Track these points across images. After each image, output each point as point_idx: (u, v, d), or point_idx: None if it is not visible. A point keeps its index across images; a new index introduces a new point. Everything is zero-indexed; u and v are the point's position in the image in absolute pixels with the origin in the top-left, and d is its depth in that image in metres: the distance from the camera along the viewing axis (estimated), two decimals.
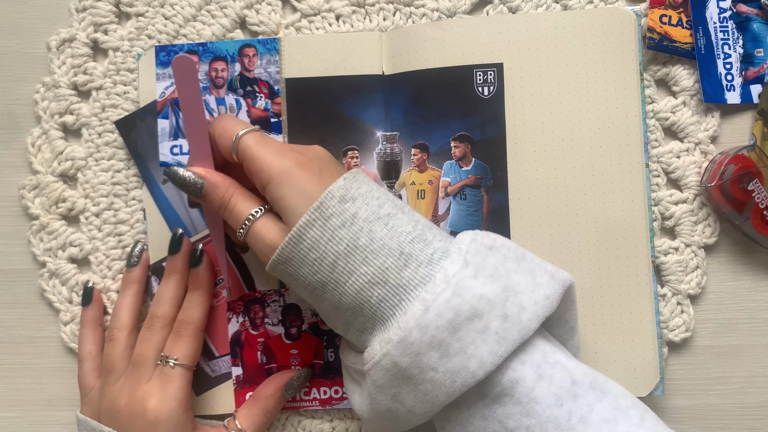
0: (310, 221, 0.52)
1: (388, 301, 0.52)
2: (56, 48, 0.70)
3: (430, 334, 0.50)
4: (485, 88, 0.66)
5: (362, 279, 0.52)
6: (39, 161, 0.70)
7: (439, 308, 0.50)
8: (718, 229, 0.68)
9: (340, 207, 0.52)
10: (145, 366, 0.62)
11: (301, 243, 0.52)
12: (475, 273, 0.51)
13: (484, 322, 0.50)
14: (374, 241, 0.52)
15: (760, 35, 0.67)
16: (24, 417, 0.71)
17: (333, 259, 0.52)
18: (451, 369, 0.50)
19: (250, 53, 0.68)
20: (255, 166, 0.55)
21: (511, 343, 0.50)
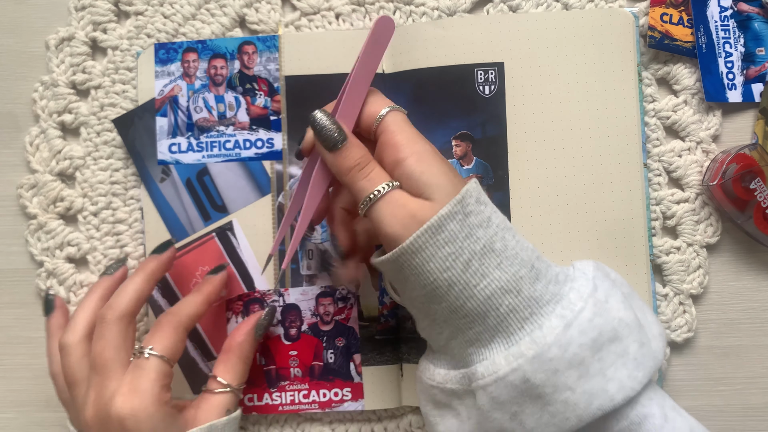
0: (451, 213, 0.49)
1: (519, 313, 0.50)
2: (55, 47, 0.70)
3: (572, 351, 0.48)
4: (486, 87, 0.66)
5: (495, 284, 0.49)
6: (37, 160, 0.70)
7: (582, 326, 0.48)
8: (720, 228, 0.67)
9: (478, 207, 0.50)
10: (107, 367, 0.56)
11: (440, 234, 0.49)
12: (606, 298, 0.50)
13: (624, 345, 0.49)
14: (508, 249, 0.50)
15: (761, 34, 0.67)
16: (21, 418, 0.70)
17: (468, 257, 0.49)
18: (589, 390, 0.48)
19: (249, 50, 0.68)
20: (395, 140, 0.53)
21: (648, 369, 0.49)
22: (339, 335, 0.67)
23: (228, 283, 0.67)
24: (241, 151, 0.68)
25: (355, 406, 0.67)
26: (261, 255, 0.67)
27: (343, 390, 0.67)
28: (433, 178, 0.50)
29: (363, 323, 0.67)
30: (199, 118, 0.68)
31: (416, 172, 0.51)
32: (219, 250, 0.67)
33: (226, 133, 0.68)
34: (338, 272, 0.66)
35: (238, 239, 0.67)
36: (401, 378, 0.67)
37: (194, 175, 0.67)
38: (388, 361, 0.67)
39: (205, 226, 0.67)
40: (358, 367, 0.67)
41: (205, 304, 0.62)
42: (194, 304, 0.61)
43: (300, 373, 0.67)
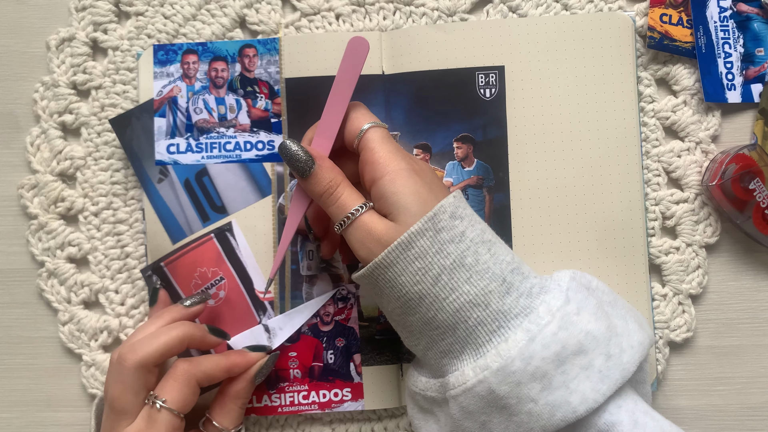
0: (421, 230, 0.51)
1: (487, 326, 0.51)
2: (56, 47, 0.70)
3: (534, 365, 0.49)
4: (487, 90, 0.66)
5: (463, 298, 0.51)
6: (38, 160, 0.70)
7: (545, 340, 0.49)
8: (719, 228, 0.67)
9: (451, 223, 0.52)
10: (124, 411, 0.57)
11: (410, 249, 0.51)
12: (578, 310, 0.51)
13: (589, 358, 0.50)
14: (479, 263, 0.51)
15: (760, 34, 0.67)
16: (22, 418, 0.70)
17: (438, 272, 0.51)
18: (551, 402, 0.49)
19: (250, 53, 0.68)
20: (373, 158, 0.54)
21: (614, 382, 0.50)
22: (339, 335, 0.67)
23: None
24: (242, 152, 0.68)
25: (355, 406, 0.67)
26: (260, 256, 0.67)
27: (343, 390, 0.67)
28: (402, 199, 0.52)
29: (363, 323, 0.67)
30: (198, 120, 0.68)
31: (387, 193, 0.53)
32: (218, 251, 0.67)
33: (226, 134, 0.68)
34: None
35: (237, 240, 0.67)
36: (401, 378, 0.67)
37: (193, 176, 0.67)
38: (387, 361, 0.67)
39: (203, 226, 0.67)
40: (358, 368, 0.67)
41: (226, 373, 0.61)
42: (216, 367, 0.61)
43: (299, 374, 0.67)
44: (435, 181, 0.56)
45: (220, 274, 0.67)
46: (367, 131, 0.56)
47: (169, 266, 0.67)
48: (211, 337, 0.62)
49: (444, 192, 0.55)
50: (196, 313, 0.63)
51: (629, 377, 0.51)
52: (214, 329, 0.62)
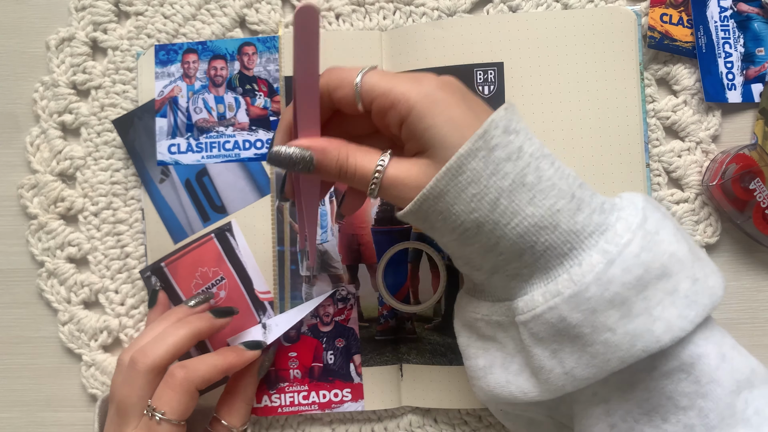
0: (472, 150, 0.45)
1: (557, 249, 0.47)
2: (55, 47, 0.70)
3: (612, 290, 0.44)
4: (486, 87, 0.66)
5: (527, 221, 0.46)
6: (38, 160, 0.70)
7: (626, 262, 0.45)
8: (720, 228, 0.67)
9: (505, 138, 0.46)
10: (129, 413, 0.56)
11: (461, 175, 0.46)
12: (657, 230, 0.46)
13: (674, 282, 0.45)
14: (543, 180, 0.46)
15: (760, 34, 0.67)
16: (22, 417, 0.70)
17: (495, 195, 0.46)
18: (631, 331, 0.44)
19: (249, 51, 0.68)
20: (388, 100, 0.48)
21: (702, 308, 0.45)
22: (339, 336, 0.67)
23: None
24: (241, 151, 0.68)
25: (355, 406, 0.67)
26: (259, 256, 0.67)
27: (342, 391, 0.67)
28: (436, 133, 0.46)
29: (363, 324, 0.67)
30: (198, 119, 0.68)
31: (418, 132, 0.47)
32: (218, 251, 0.67)
33: (225, 133, 0.68)
34: None
35: (237, 240, 0.67)
36: (401, 378, 0.67)
37: (193, 176, 0.67)
38: (387, 361, 0.67)
39: (204, 226, 0.67)
40: (358, 368, 0.67)
41: (223, 373, 0.59)
42: (213, 369, 0.58)
43: (299, 374, 0.67)
44: (469, 95, 0.49)
45: (220, 274, 0.67)
46: (363, 80, 0.49)
47: (169, 266, 0.67)
48: (218, 321, 0.61)
49: (484, 108, 0.49)
50: (201, 312, 0.63)
51: (718, 303, 0.46)
52: (218, 311, 0.62)
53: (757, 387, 0.47)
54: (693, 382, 0.46)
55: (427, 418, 0.68)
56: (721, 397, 0.45)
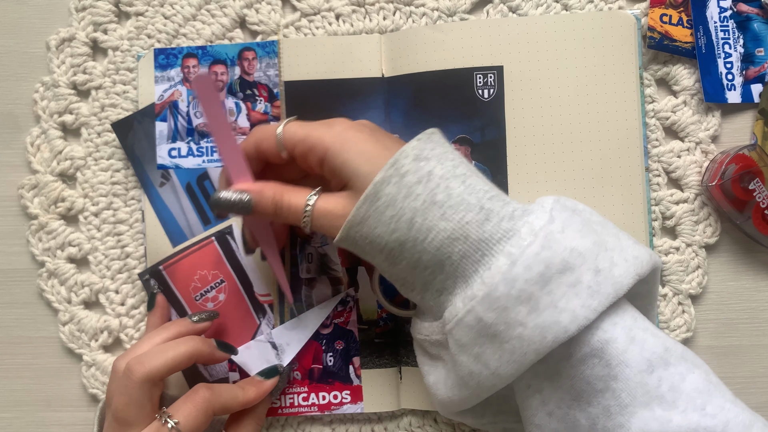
0: (385, 178, 0.51)
1: (470, 257, 0.50)
2: (56, 47, 0.70)
3: (518, 287, 0.47)
4: (485, 90, 0.66)
5: (442, 235, 0.50)
6: (38, 161, 0.70)
7: (527, 261, 0.48)
8: (719, 228, 0.67)
9: (416, 165, 0.51)
10: (128, 423, 0.56)
11: (378, 200, 0.51)
12: (563, 228, 0.49)
13: (576, 275, 0.48)
14: (452, 197, 0.50)
15: (760, 34, 0.67)
16: (22, 418, 0.70)
17: (411, 215, 0.50)
18: (540, 324, 0.47)
19: (249, 56, 0.68)
20: (307, 145, 0.54)
21: (605, 296, 0.48)
22: (338, 338, 0.67)
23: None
24: None
25: (354, 408, 0.67)
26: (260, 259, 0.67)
27: (342, 393, 0.67)
28: (351, 166, 0.52)
29: (362, 326, 0.67)
30: (199, 123, 0.68)
31: (336, 167, 0.53)
32: (218, 254, 0.67)
33: None
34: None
35: (238, 243, 0.67)
36: (400, 381, 0.67)
37: (194, 180, 0.67)
38: (386, 364, 0.67)
39: (204, 230, 0.68)
40: (358, 370, 0.67)
41: (242, 405, 0.61)
42: (234, 400, 0.60)
43: (299, 376, 0.67)
44: (379, 132, 0.56)
45: (220, 276, 0.67)
46: (284, 131, 0.56)
47: (167, 270, 0.67)
48: (219, 352, 0.61)
49: (396, 141, 0.55)
50: (203, 329, 0.63)
51: (624, 292, 0.49)
52: (222, 344, 0.62)
53: (673, 364, 0.49)
54: (605, 365, 0.48)
55: (426, 419, 0.68)
56: (630, 377, 0.48)
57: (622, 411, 0.48)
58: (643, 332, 0.49)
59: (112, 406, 0.57)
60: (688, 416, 0.47)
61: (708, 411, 0.47)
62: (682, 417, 0.47)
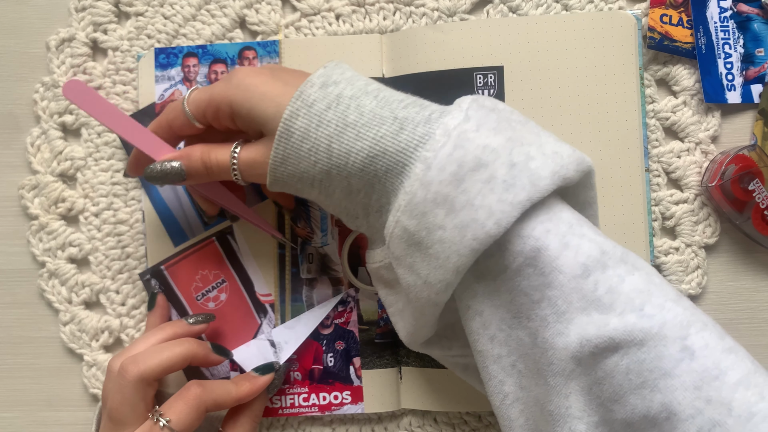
0: (293, 112, 0.51)
1: (393, 170, 0.50)
2: (56, 48, 0.70)
3: (433, 190, 0.47)
4: (485, 91, 0.66)
5: (361, 155, 0.50)
6: (38, 161, 0.70)
7: (440, 163, 0.47)
8: (719, 229, 0.68)
9: (323, 92, 0.51)
10: (122, 422, 0.56)
11: (291, 136, 0.51)
12: (477, 126, 0.48)
13: (490, 171, 0.46)
14: (364, 115, 0.50)
15: (760, 35, 0.67)
16: (23, 417, 0.71)
17: (327, 143, 0.50)
18: (459, 224, 0.47)
19: (250, 56, 0.68)
20: (213, 106, 0.55)
21: (522, 189, 0.46)
22: (339, 339, 0.67)
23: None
24: None
25: (354, 409, 0.67)
26: (261, 259, 0.68)
27: (342, 393, 0.67)
28: (257, 112, 0.53)
29: (362, 327, 0.67)
30: None
31: (245, 118, 0.54)
32: (219, 253, 0.67)
33: None
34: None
35: (238, 243, 0.67)
36: (400, 381, 0.67)
37: None
38: (387, 364, 0.67)
39: (205, 230, 0.68)
40: (358, 371, 0.67)
41: (236, 401, 0.60)
42: (227, 396, 0.59)
43: (300, 376, 0.67)
44: (280, 71, 0.55)
45: (221, 276, 0.67)
46: (188, 102, 0.57)
47: (169, 269, 0.67)
48: (214, 355, 0.61)
49: (300, 76, 0.55)
50: (199, 331, 0.63)
51: (545, 186, 0.47)
52: (217, 347, 0.62)
53: (611, 267, 0.47)
54: (539, 274, 0.47)
55: (426, 418, 0.68)
56: (564, 283, 0.47)
57: (559, 318, 0.47)
58: (579, 238, 0.48)
59: (107, 406, 0.57)
60: (625, 318, 0.46)
61: (646, 311, 0.46)
62: (618, 319, 0.46)
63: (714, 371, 0.45)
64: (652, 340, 0.45)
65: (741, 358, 0.46)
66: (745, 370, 0.45)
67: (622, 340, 0.45)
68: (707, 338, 0.46)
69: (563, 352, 0.47)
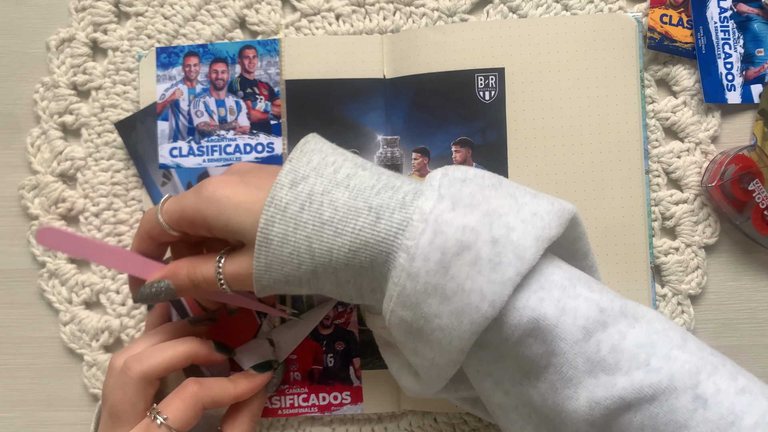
0: (268, 219, 0.50)
1: (377, 259, 0.49)
2: (55, 48, 0.70)
3: (422, 281, 0.47)
4: (486, 92, 0.66)
5: (343, 251, 0.49)
6: (38, 161, 0.70)
7: (423, 252, 0.46)
8: (719, 229, 0.68)
9: (293, 192, 0.50)
10: (121, 419, 0.56)
11: (271, 243, 0.50)
12: (453, 205, 0.48)
13: (474, 252, 0.46)
14: (339, 210, 0.49)
15: (760, 35, 0.67)
16: (23, 417, 0.71)
17: (308, 244, 0.49)
18: (454, 311, 0.47)
19: (250, 55, 0.68)
20: (186, 220, 0.54)
21: (509, 266, 0.46)
22: (338, 339, 0.67)
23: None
24: (242, 155, 0.68)
25: (354, 409, 0.67)
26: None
27: (342, 394, 0.67)
28: (232, 224, 0.51)
29: (362, 327, 0.67)
30: (200, 122, 0.68)
31: (222, 231, 0.52)
32: None
33: (226, 137, 0.68)
34: None
35: None
36: None
37: (195, 179, 0.67)
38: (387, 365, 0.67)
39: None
40: (358, 371, 0.67)
41: (234, 400, 0.60)
42: (225, 394, 0.59)
43: (299, 376, 0.67)
44: (248, 175, 0.54)
45: None
46: (162, 213, 0.56)
47: None
48: (217, 354, 0.61)
49: (272, 177, 0.53)
50: (200, 332, 0.63)
51: (531, 255, 0.47)
52: (219, 345, 0.62)
53: (611, 324, 0.47)
54: (541, 343, 0.47)
55: (427, 418, 0.68)
56: (566, 349, 0.47)
57: (567, 384, 0.47)
58: (575, 299, 0.48)
59: (107, 403, 0.57)
60: (632, 376, 0.46)
61: (653, 365, 0.46)
62: (626, 378, 0.46)
63: (729, 417, 0.45)
64: (663, 394, 0.46)
65: (755, 397, 0.46)
66: (761, 410, 0.46)
67: (632, 399, 0.46)
68: (718, 383, 0.46)
69: (574, 415, 0.47)
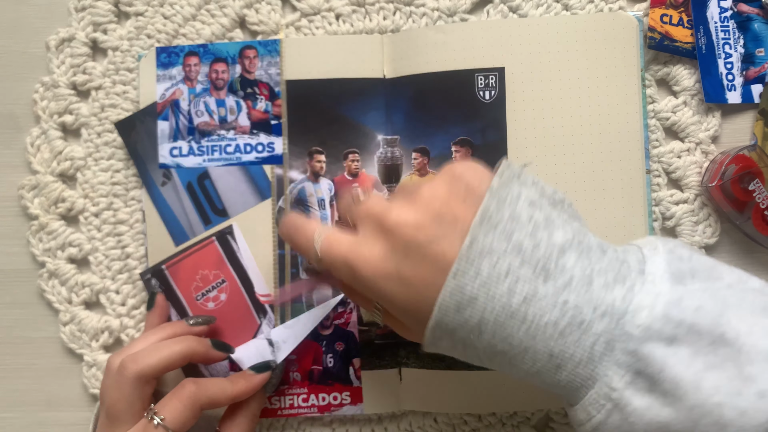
0: (434, 341, 0.46)
1: (563, 388, 0.45)
2: (55, 47, 0.70)
3: None
4: (486, 92, 0.66)
5: (519, 375, 0.45)
6: (38, 161, 0.70)
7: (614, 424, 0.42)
8: (719, 229, 0.67)
9: (460, 318, 0.44)
10: (119, 418, 0.56)
11: (441, 342, 0.46)
12: (650, 388, 0.42)
13: (734, 349, 0.41)
14: (513, 347, 0.43)
15: (761, 35, 0.67)
16: (23, 418, 0.71)
17: (480, 353, 0.45)
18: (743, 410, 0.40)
19: (250, 55, 0.68)
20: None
21: None
22: (338, 339, 0.67)
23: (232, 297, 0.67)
24: (242, 155, 0.68)
25: (354, 410, 0.67)
26: (260, 259, 0.68)
27: (342, 394, 0.67)
28: (402, 318, 0.49)
29: (362, 328, 0.67)
30: (200, 122, 0.68)
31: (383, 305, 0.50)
32: (219, 254, 0.67)
33: (226, 137, 0.68)
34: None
35: (238, 243, 0.67)
36: (400, 382, 0.67)
37: (195, 179, 0.68)
38: (387, 365, 0.67)
39: (205, 229, 0.68)
40: (357, 372, 0.67)
41: (231, 400, 0.60)
42: (222, 393, 0.59)
43: (299, 377, 0.67)
44: (410, 263, 0.45)
45: (221, 276, 0.67)
46: (324, 243, 0.50)
47: (170, 269, 0.67)
48: (215, 352, 0.61)
49: (429, 267, 0.45)
50: (199, 333, 0.63)
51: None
52: (217, 343, 0.62)
53: None
54: None
55: (427, 419, 0.68)
56: None
57: None
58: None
59: (105, 403, 0.57)
60: None
61: None
62: None
63: None
64: None
65: None
66: None
67: None
68: None
69: None
